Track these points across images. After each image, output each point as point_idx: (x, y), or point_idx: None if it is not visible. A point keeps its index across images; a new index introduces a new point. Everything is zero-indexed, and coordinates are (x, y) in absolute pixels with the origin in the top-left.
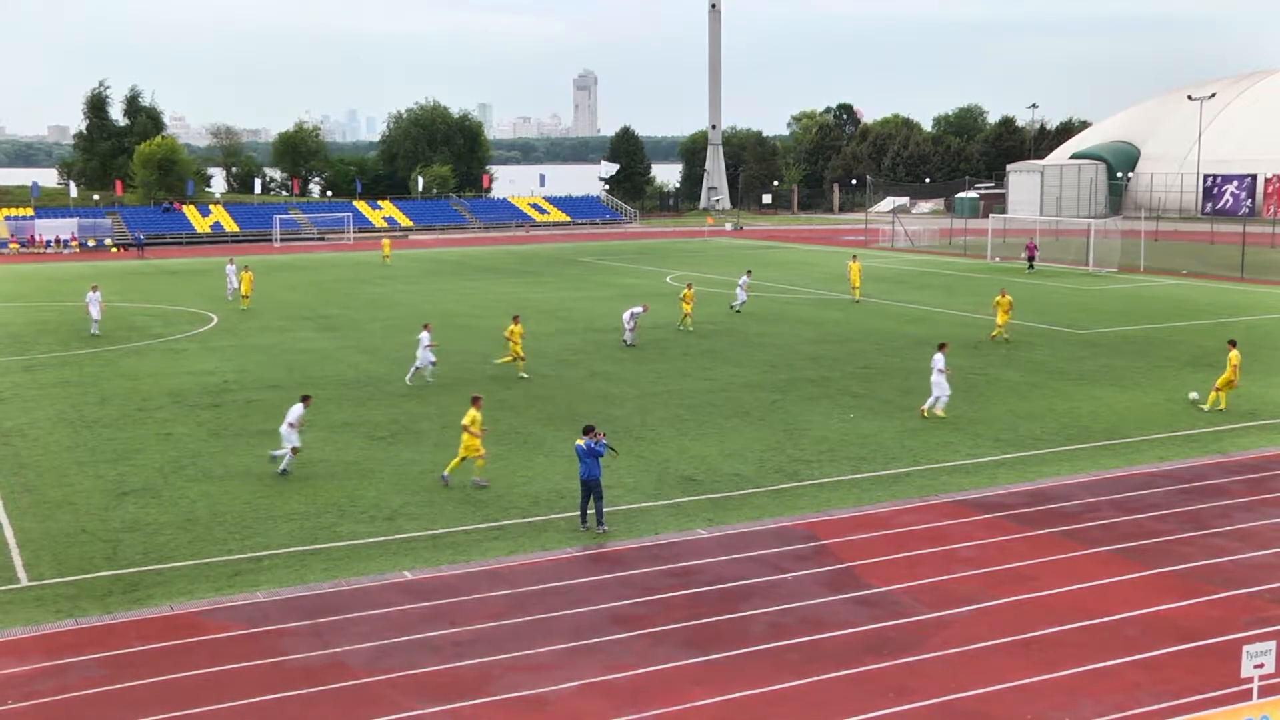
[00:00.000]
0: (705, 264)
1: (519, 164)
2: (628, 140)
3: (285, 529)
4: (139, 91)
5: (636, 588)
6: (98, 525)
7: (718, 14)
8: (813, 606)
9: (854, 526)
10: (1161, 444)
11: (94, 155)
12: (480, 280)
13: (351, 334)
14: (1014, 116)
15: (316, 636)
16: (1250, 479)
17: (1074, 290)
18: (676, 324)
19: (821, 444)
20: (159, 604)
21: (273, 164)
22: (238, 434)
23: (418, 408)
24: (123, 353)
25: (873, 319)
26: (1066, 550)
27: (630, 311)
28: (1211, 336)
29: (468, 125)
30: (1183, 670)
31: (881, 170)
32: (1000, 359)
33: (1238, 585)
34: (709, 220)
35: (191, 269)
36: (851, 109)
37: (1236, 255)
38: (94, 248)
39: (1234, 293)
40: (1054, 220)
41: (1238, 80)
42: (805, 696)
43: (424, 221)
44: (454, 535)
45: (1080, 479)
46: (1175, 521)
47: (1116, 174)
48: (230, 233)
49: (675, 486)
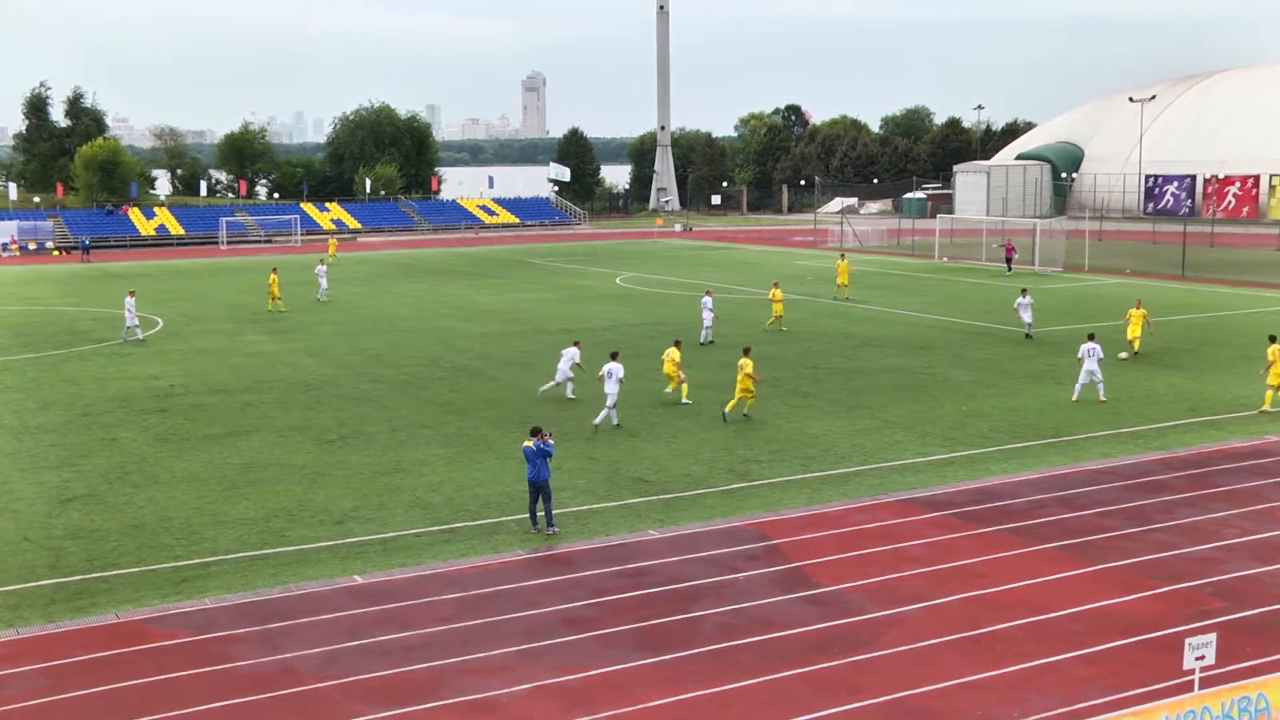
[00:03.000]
0: (655, 265)
1: (468, 165)
2: (577, 142)
3: (233, 534)
4: (81, 92)
5: (588, 589)
6: (40, 533)
7: (666, 15)
8: (764, 606)
9: (804, 526)
10: (1106, 441)
11: (34, 157)
12: (429, 282)
13: (300, 337)
14: (960, 117)
15: (266, 642)
16: (1192, 474)
17: (1019, 290)
18: (765, 324)
19: (772, 444)
20: (104, 612)
21: (218, 166)
22: (184, 439)
23: (367, 411)
24: (66, 357)
25: (821, 319)
26: (1013, 547)
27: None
28: (1155, 334)
29: (416, 126)
30: (1127, 664)
31: (830, 171)
32: (948, 358)
33: (1180, 579)
34: (658, 221)
35: (136, 272)
36: (800, 110)
37: (1178, 254)
38: (35, 251)
39: (1176, 291)
40: (1000, 220)
41: (1177, 83)
42: (757, 696)
43: (372, 223)
44: (404, 539)
45: (1027, 476)
46: (1120, 517)
47: (1061, 174)
48: (176, 235)
49: (626, 487)
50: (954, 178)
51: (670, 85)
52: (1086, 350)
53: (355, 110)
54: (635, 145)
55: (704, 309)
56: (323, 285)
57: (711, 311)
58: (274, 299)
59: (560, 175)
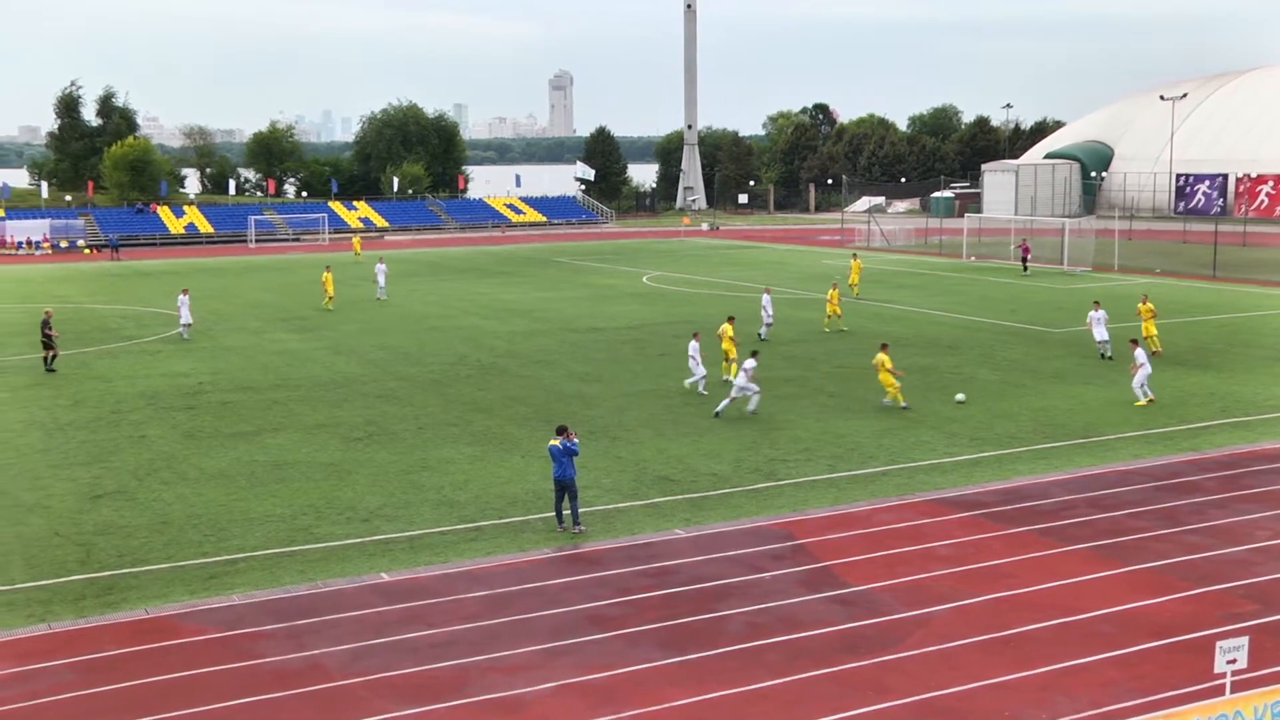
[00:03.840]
0: (682, 265)
1: (495, 164)
2: (603, 140)
3: (261, 531)
4: (112, 92)
5: (613, 588)
6: (71, 529)
7: (693, 14)
8: (790, 605)
9: (831, 525)
10: (1136, 441)
11: (66, 156)
12: (456, 281)
13: (326, 335)
14: (989, 116)
15: (293, 639)
16: (1224, 475)
17: (1049, 289)
18: (823, 326)
19: (798, 443)
20: (133, 607)
21: (247, 165)
22: (212, 436)
23: (394, 409)
24: (96, 355)
25: (849, 318)
26: (1042, 548)
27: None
28: (1185, 335)
29: (443, 125)
30: (1157, 666)
31: (857, 170)
32: (976, 357)
33: (1211, 581)
34: (685, 220)
35: (165, 270)
36: (827, 109)
37: (1209, 254)
38: (66, 249)
39: (1207, 291)
40: (1028, 220)
41: (1208, 80)
42: (782, 695)
43: (399, 222)
44: (431, 537)
45: (1056, 477)
46: (1150, 518)
47: (1090, 173)
48: (205, 234)
49: (652, 486)
50: (982, 177)
51: (697, 84)
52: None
53: (383, 109)
54: (662, 144)
55: (764, 307)
56: (380, 284)
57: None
58: (328, 297)
59: (586, 174)
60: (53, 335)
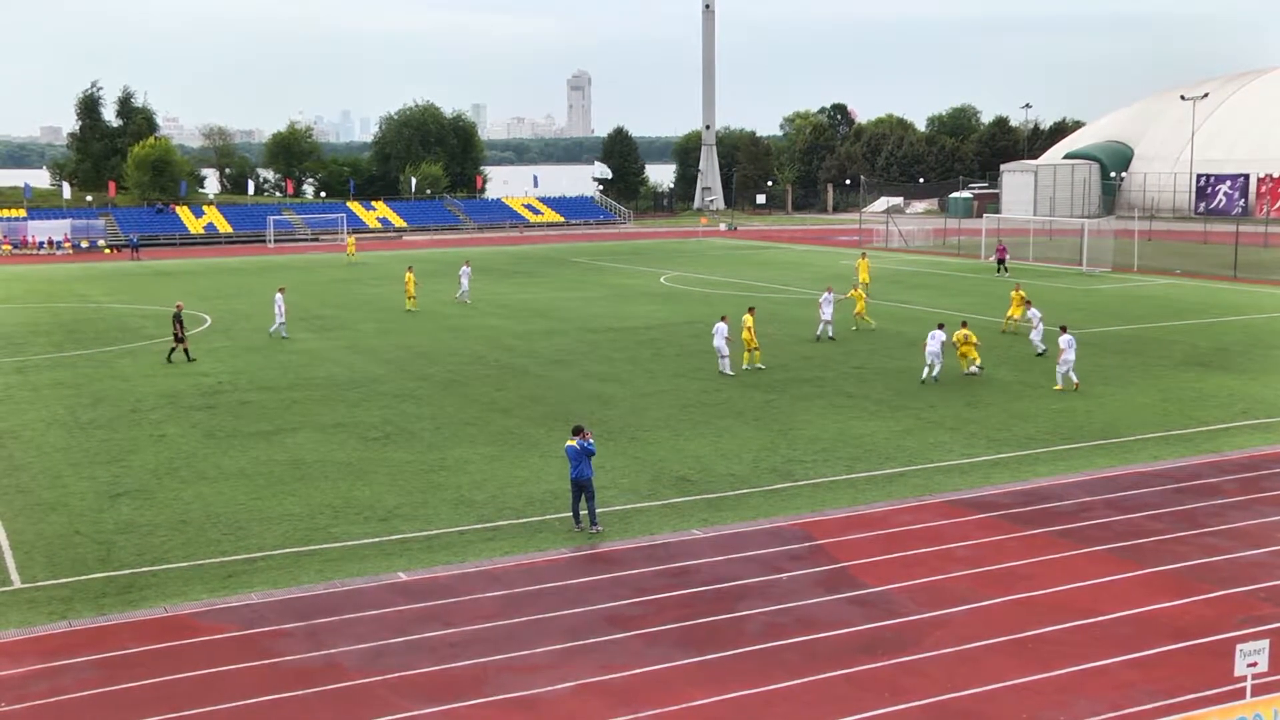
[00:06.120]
0: (700, 265)
1: (513, 164)
2: (622, 141)
3: (279, 530)
4: (132, 92)
5: (631, 588)
6: (91, 527)
7: (711, 14)
8: (808, 606)
9: (849, 526)
10: (1155, 443)
11: (87, 156)
12: (474, 281)
13: (345, 335)
14: (1008, 116)
15: (311, 638)
16: (1244, 478)
17: (1068, 290)
18: (853, 327)
19: (816, 444)
20: (153, 605)
21: (266, 165)
22: (231, 435)
23: (412, 408)
24: (117, 354)
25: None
26: (1061, 549)
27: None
28: (1205, 336)
29: (461, 126)
30: (1176, 669)
31: (875, 170)
32: (996, 357)
33: (1231, 584)
34: (703, 220)
35: (185, 270)
36: (845, 109)
37: (1230, 255)
38: (87, 249)
39: (1228, 292)
40: (1048, 220)
41: (1230, 80)
42: (800, 696)
43: (418, 222)
44: (448, 536)
45: (1074, 478)
46: (1169, 520)
47: (1110, 174)
48: (224, 234)
49: (670, 486)
50: (1001, 177)
51: (715, 84)
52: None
53: (401, 109)
54: (680, 144)
55: (823, 305)
56: (464, 285)
57: (830, 307)
58: (410, 298)
59: (604, 174)
60: (181, 330)
